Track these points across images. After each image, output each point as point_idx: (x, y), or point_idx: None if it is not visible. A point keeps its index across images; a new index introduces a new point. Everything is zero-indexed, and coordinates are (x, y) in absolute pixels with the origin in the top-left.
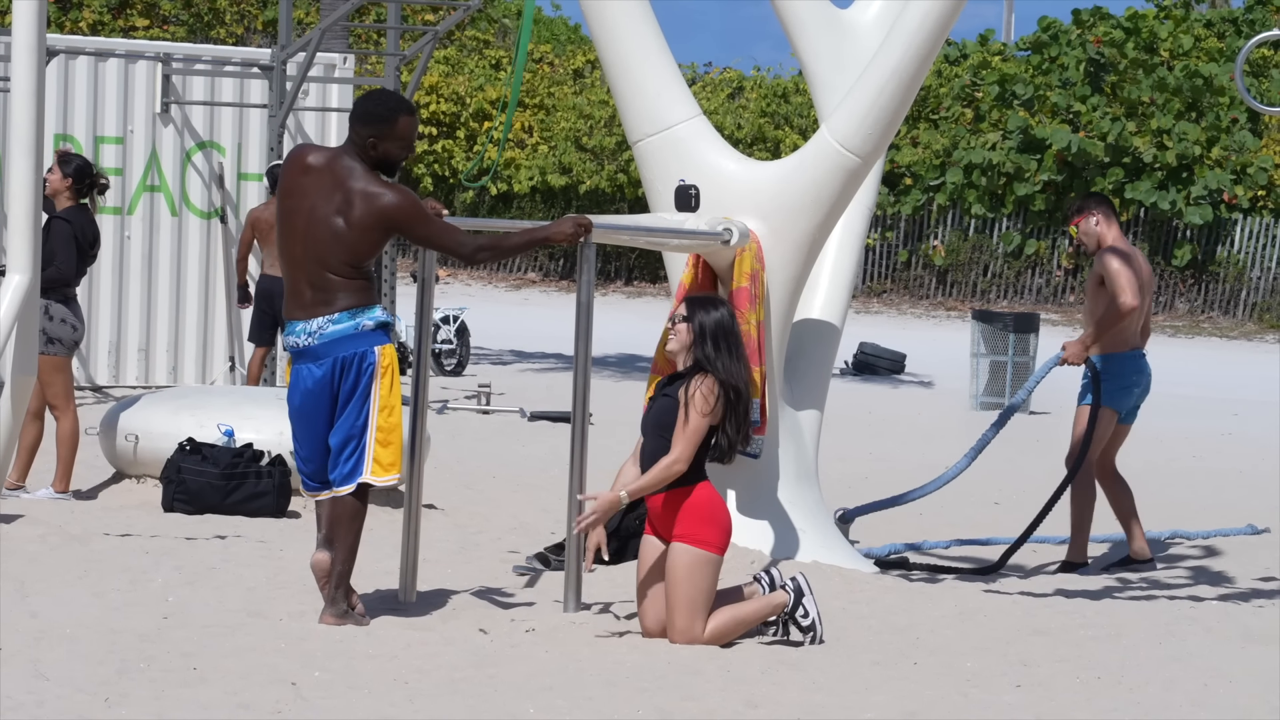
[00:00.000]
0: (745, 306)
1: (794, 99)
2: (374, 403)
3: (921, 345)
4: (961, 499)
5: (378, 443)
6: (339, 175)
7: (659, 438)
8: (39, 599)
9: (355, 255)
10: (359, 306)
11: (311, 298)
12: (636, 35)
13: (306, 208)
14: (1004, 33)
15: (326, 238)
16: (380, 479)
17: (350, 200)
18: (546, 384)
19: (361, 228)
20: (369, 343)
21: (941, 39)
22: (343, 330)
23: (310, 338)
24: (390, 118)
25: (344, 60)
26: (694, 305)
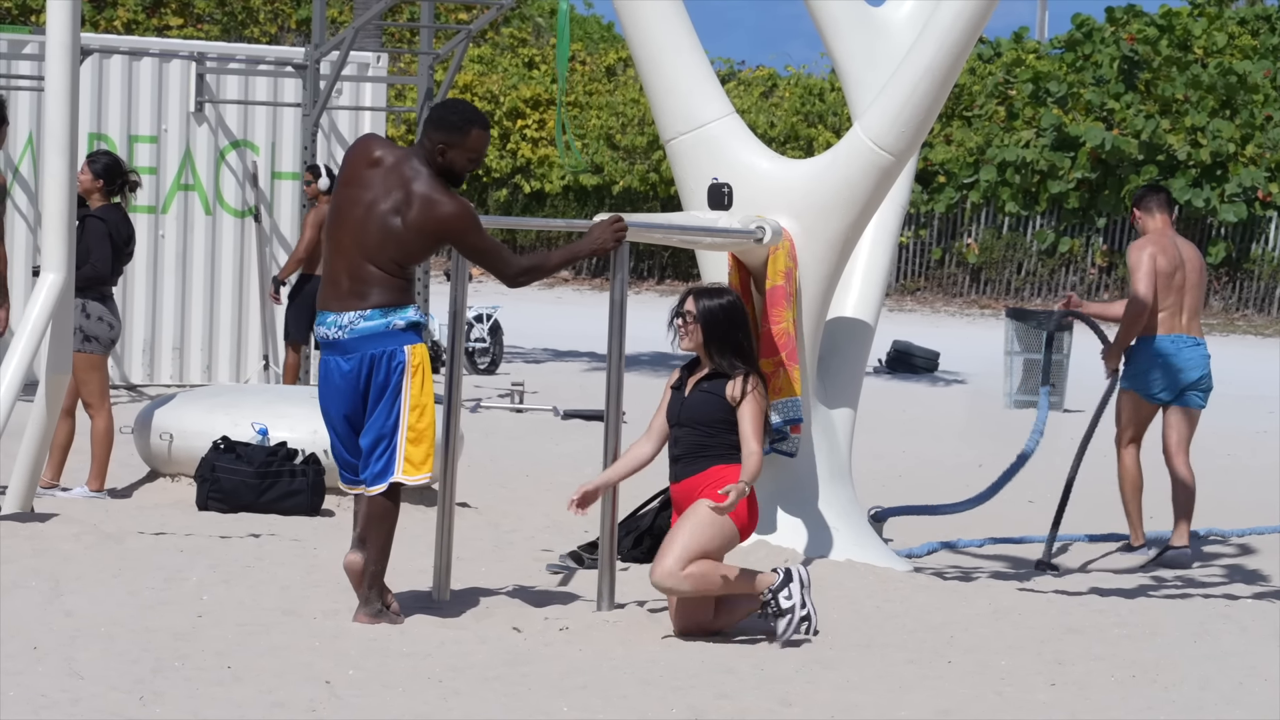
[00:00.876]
0: (782, 305)
1: (828, 97)
2: (405, 402)
3: (955, 343)
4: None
5: (409, 442)
6: (404, 174)
7: (696, 429)
8: (74, 597)
9: (405, 256)
10: (393, 305)
11: (348, 289)
12: (669, 33)
13: (366, 199)
14: (1038, 30)
15: (379, 233)
16: (412, 478)
17: (410, 201)
18: (580, 382)
19: (417, 230)
20: (399, 341)
21: (975, 36)
22: (373, 327)
23: (341, 331)
24: (464, 128)
25: (377, 59)
26: (698, 298)
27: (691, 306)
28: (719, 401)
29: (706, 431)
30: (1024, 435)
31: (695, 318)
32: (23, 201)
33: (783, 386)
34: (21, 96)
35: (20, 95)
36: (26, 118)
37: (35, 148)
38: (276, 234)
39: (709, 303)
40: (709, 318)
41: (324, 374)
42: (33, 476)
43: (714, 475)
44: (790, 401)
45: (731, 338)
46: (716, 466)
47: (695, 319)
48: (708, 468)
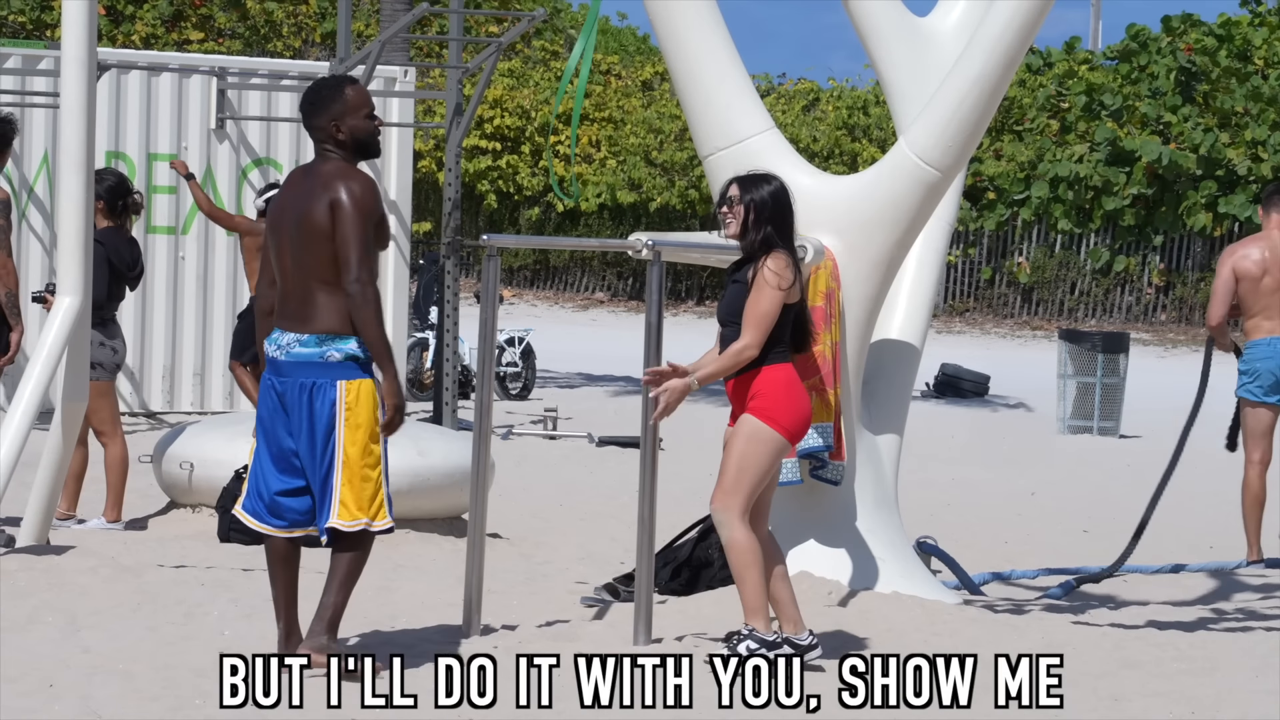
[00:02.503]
0: (820, 327)
1: (872, 111)
2: (338, 441)
3: (1006, 366)
4: (1049, 526)
5: (345, 483)
6: (318, 173)
7: (732, 325)
8: (91, 633)
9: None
10: (332, 333)
11: (294, 310)
12: (707, 45)
13: (293, 214)
14: (1091, 40)
15: (308, 239)
16: (345, 523)
17: (325, 191)
18: (615, 408)
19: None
20: (332, 375)
21: (1025, 47)
22: (307, 355)
23: (279, 351)
24: (337, 94)
25: (405, 73)
26: (745, 185)
27: (735, 191)
28: (745, 291)
29: (739, 325)
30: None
31: (739, 200)
32: (38, 222)
33: (816, 410)
34: (36, 114)
35: (35, 112)
36: (42, 135)
37: (50, 166)
38: None
39: (752, 186)
40: (753, 198)
41: (262, 389)
42: (48, 508)
43: (759, 379)
44: (822, 427)
45: (769, 220)
46: (764, 369)
47: (739, 201)
48: (753, 368)
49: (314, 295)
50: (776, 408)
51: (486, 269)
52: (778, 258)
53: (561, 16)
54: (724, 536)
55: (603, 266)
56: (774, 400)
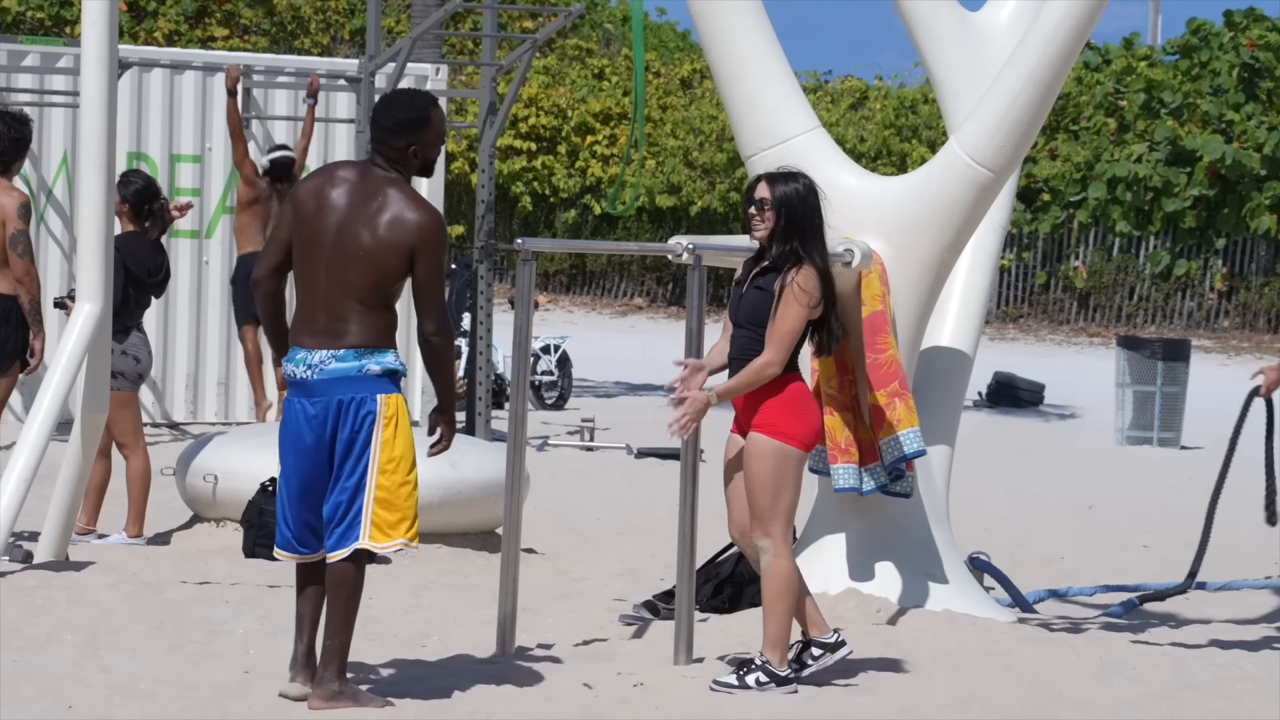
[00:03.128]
0: (884, 330)
1: (921, 109)
2: (373, 457)
3: (1062, 374)
4: (1107, 541)
5: (377, 503)
6: (373, 187)
7: (751, 332)
8: (111, 652)
9: (382, 278)
10: (370, 346)
11: (324, 325)
12: (750, 41)
13: (335, 224)
14: (1150, 35)
15: (353, 257)
16: (380, 545)
17: (384, 212)
18: (654, 418)
19: (390, 245)
20: (370, 389)
21: (1081, 42)
22: (344, 370)
23: (310, 370)
24: (423, 117)
25: (436, 71)
26: (773, 182)
27: (765, 192)
28: (770, 299)
29: (760, 335)
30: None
31: (770, 204)
32: (57, 226)
33: (901, 417)
34: (55, 113)
35: (54, 112)
36: (61, 136)
37: (70, 168)
38: None
39: (784, 186)
40: (786, 202)
41: (287, 416)
42: (67, 522)
43: (768, 393)
44: (910, 433)
45: (801, 224)
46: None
47: (769, 206)
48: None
49: (348, 313)
50: (786, 421)
51: (521, 274)
52: (808, 275)
53: (599, 11)
54: (765, 562)
55: (642, 271)
56: (785, 416)
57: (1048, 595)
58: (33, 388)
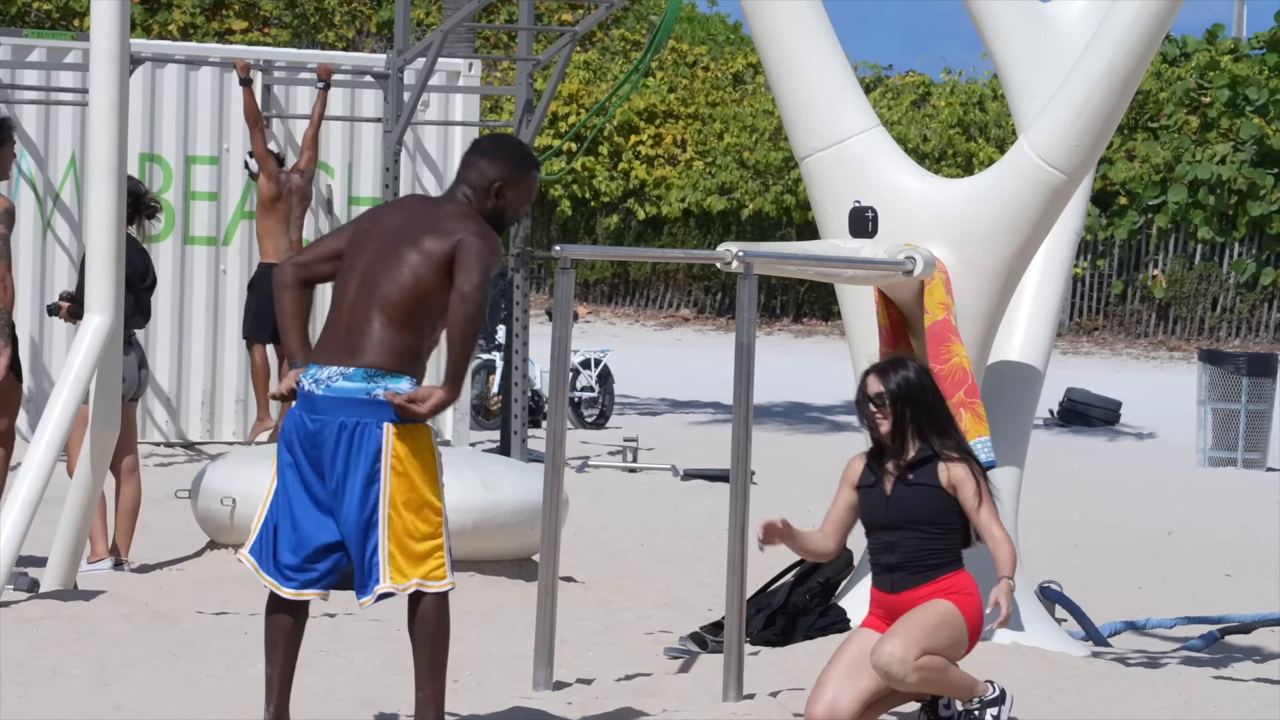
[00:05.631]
0: (948, 339)
1: (989, 106)
2: (383, 495)
3: (1139, 391)
4: (1187, 570)
5: (392, 541)
6: (437, 208)
7: (923, 533)
8: (123, 687)
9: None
10: (382, 369)
11: (342, 340)
12: (805, 34)
13: (384, 234)
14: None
15: (390, 265)
16: (399, 585)
17: (437, 229)
18: (702, 437)
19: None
20: (376, 416)
21: (1161, 35)
22: (350, 390)
23: (315, 385)
24: (525, 167)
25: (469, 66)
26: (882, 375)
27: (879, 387)
28: (938, 494)
29: (931, 533)
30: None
31: (887, 399)
32: (64, 232)
33: (969, 427)
34: (63, 111)
35: (61, 110)
36: (69, 136)
37: (79, 170)
38: None
39: (897, 376)
40: (905, 393)
41: (285, 423)
42: (75, 548)
43: (944, 585)
44: (979, 443)
45: (934, 410)
46: (946, 576)
47: (887, 400)
48: (936, 578)
49: (370, 326)
50: (972, 603)
51: (560, 283)
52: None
53: (644, 2)
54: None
55: (688, 280)
56: (968, 597)
57: (1124, 627)
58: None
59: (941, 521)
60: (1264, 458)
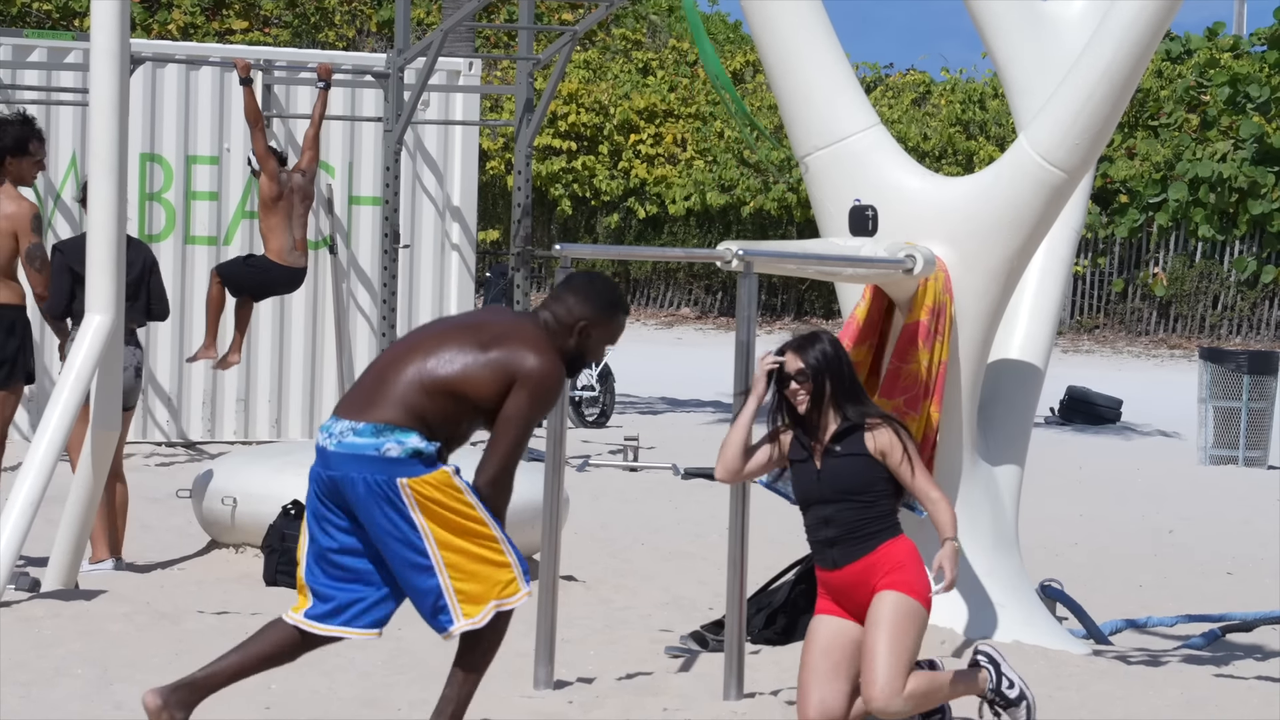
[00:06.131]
0: (916, 344)
1: (989, 105)
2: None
3: (1140, 389)
4: (1188, 568)
5: (455, 581)
6: (512, 316)
7: (855, 503)
8: (124, 686)
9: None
10: (393, 424)
11: (360, 395)
12: (805, 33)
13: (450, 325)
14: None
15: (439, 348)
16: (476, 618)
17: (502, 339)
18: (703, 436)
19: (488, 362)
20: (389, 473)
21: (1161, 33)
22: (360, 446)
23: (329, 439)
24: (613, 310)
25: (469, 66)
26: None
27: (798, 363)
28: (868, 462)
29: (865, 502)
30: (1222, 496)
31: (809, 374)
32: (65, 232)
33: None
34: (64, 112)
35: (62, 110)
36: (70, 136)
37: (79, 170)
38: (355, 267)
39: (815, 351)
40: (823, 365)
41: (310, 478)
42: (77, 547)
43: (885, 555)
44: None
45: (850, 380)
46: (885, 544)
47: (809, 375)
48: (875, 547)
49: (393, 385)
50: (919, 580)
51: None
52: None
53: (644, 2)
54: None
55: (689, 279)
56: (913, 573)
57: (1125, 626)
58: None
59: (874, 489)
60: (1265, 456)
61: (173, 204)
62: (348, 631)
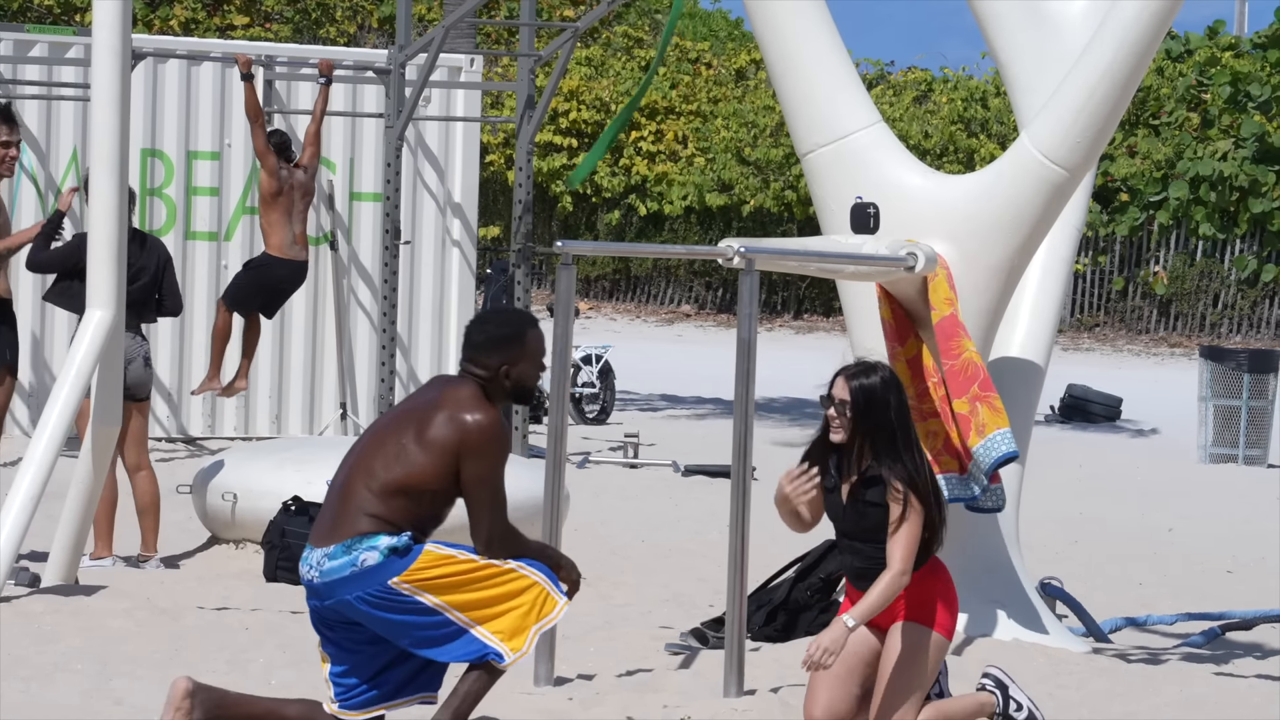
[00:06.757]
0: (957, 335)
1: (991, 103)
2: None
3: (1140, 387)
4: (1189, 567)
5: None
6: (443, 391)
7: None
8: (124, 682)
9: (408, 473)
10: (362, 534)
11: (330, 520)
12: (807, 30)
13: (390, 421)
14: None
15: (387, 448)
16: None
17: (437, 412)
18: (703, 433)
19: (430, 443)
20: (377, 580)
21: (1162, 32)
22: (337, 569)
23: (311, 571)
24: (519, 336)
25: (471, 62)
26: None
27: (844, 394)
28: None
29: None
30: (1222, 494)
31: (848, 409)
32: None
33: (986, 421)
34: (65, 107)
35: (63, 105)
36: (71, 131)
37: (80, 165)
38: (355, 263)
39: (864, 386)
40: (865, 407)
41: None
42: (77, 543)
43: (913, 586)
44: (1000, 435)
45: (892, 429)
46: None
47: (849, 410)
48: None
49: (355, 503)
50: (943, 612)
51: (561, 278)
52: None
53: None
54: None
55: (689, 276)
56: (935, 603)
57: (1124, 624)
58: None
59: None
60: (1265, 454)
61: (173, 199)
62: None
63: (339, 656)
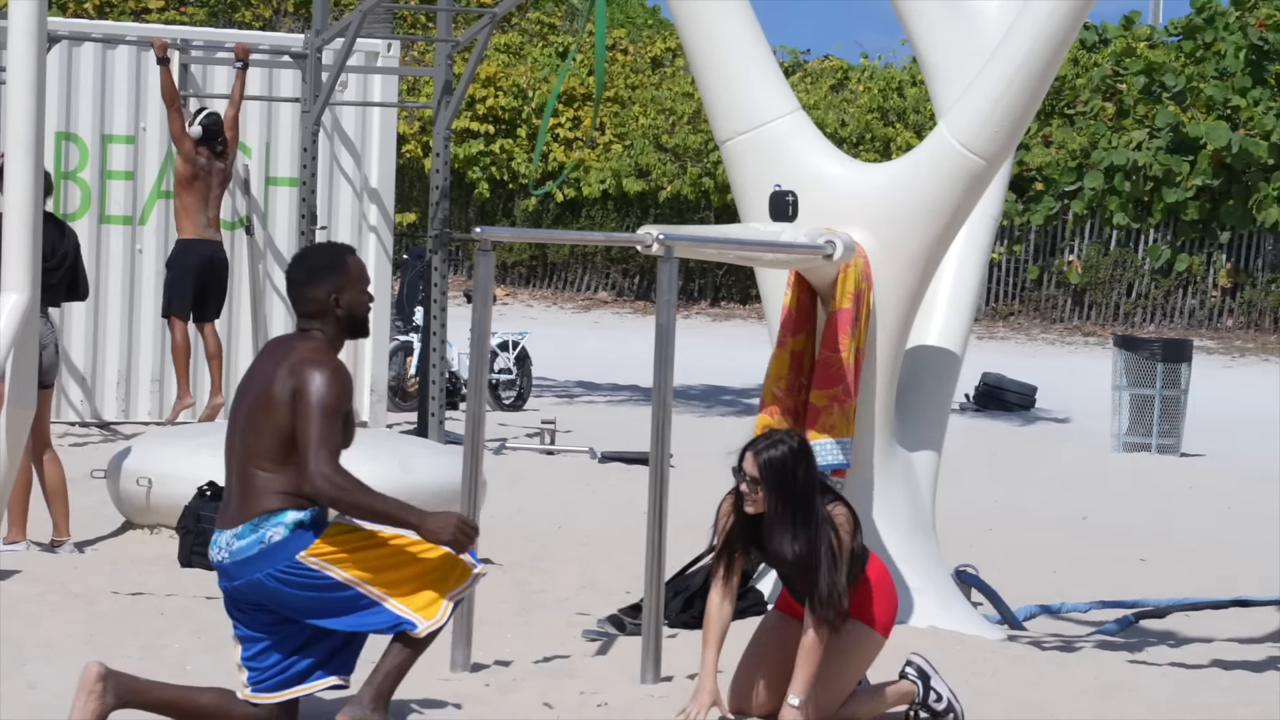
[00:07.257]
0: (845, 331)
1: (908, 92)
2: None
3: (1055, 376)
4: (1102, 554)
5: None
6: (288, 347)
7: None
8: (38, 666)
9: (285, 441)
10: (266, 512)
11: (233, 503)
12: (725, 19)
13: (250, 393)
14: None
15: (256, 419)
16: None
17: (283, 369)
18: (620, 420)
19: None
20: (285, 555)
21: (1079, 24)
22: (247, 548)
23: (220, 553)
24: (340, 262)
25: (388, 47)
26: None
27: (753, 469)
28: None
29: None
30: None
31: (760, 486)
32: None
33: (835, 424)
34: None
35: None
36: None
37: None
38: (271, 248)
39: (771, 455)
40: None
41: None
42: None
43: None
44: (835, 444)
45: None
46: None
47: (760, 487)
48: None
49: (250, 482)
50: (881, 607)
51: (478, 265)
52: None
53: None
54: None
55: (607, 263)
56: (880, 602)
57: (1039, 611)
58: None
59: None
60: (1178, 443)
61: (88, 183)
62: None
63: (252, 639)
